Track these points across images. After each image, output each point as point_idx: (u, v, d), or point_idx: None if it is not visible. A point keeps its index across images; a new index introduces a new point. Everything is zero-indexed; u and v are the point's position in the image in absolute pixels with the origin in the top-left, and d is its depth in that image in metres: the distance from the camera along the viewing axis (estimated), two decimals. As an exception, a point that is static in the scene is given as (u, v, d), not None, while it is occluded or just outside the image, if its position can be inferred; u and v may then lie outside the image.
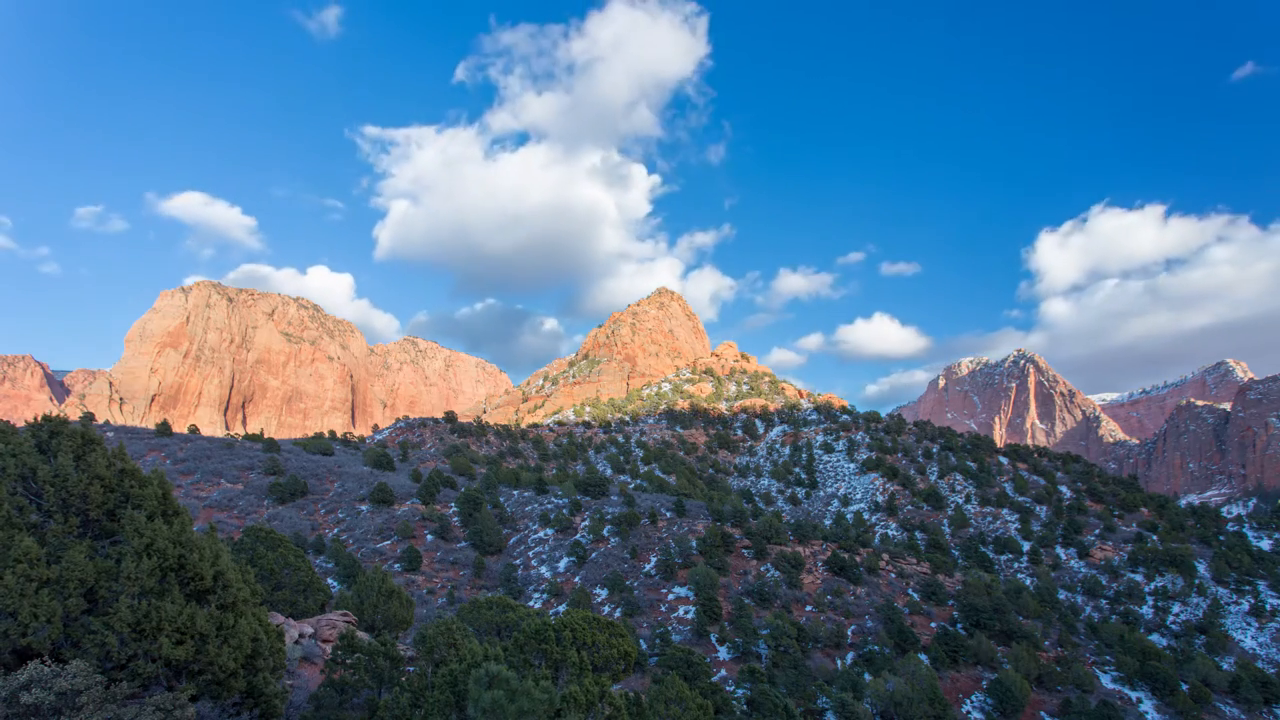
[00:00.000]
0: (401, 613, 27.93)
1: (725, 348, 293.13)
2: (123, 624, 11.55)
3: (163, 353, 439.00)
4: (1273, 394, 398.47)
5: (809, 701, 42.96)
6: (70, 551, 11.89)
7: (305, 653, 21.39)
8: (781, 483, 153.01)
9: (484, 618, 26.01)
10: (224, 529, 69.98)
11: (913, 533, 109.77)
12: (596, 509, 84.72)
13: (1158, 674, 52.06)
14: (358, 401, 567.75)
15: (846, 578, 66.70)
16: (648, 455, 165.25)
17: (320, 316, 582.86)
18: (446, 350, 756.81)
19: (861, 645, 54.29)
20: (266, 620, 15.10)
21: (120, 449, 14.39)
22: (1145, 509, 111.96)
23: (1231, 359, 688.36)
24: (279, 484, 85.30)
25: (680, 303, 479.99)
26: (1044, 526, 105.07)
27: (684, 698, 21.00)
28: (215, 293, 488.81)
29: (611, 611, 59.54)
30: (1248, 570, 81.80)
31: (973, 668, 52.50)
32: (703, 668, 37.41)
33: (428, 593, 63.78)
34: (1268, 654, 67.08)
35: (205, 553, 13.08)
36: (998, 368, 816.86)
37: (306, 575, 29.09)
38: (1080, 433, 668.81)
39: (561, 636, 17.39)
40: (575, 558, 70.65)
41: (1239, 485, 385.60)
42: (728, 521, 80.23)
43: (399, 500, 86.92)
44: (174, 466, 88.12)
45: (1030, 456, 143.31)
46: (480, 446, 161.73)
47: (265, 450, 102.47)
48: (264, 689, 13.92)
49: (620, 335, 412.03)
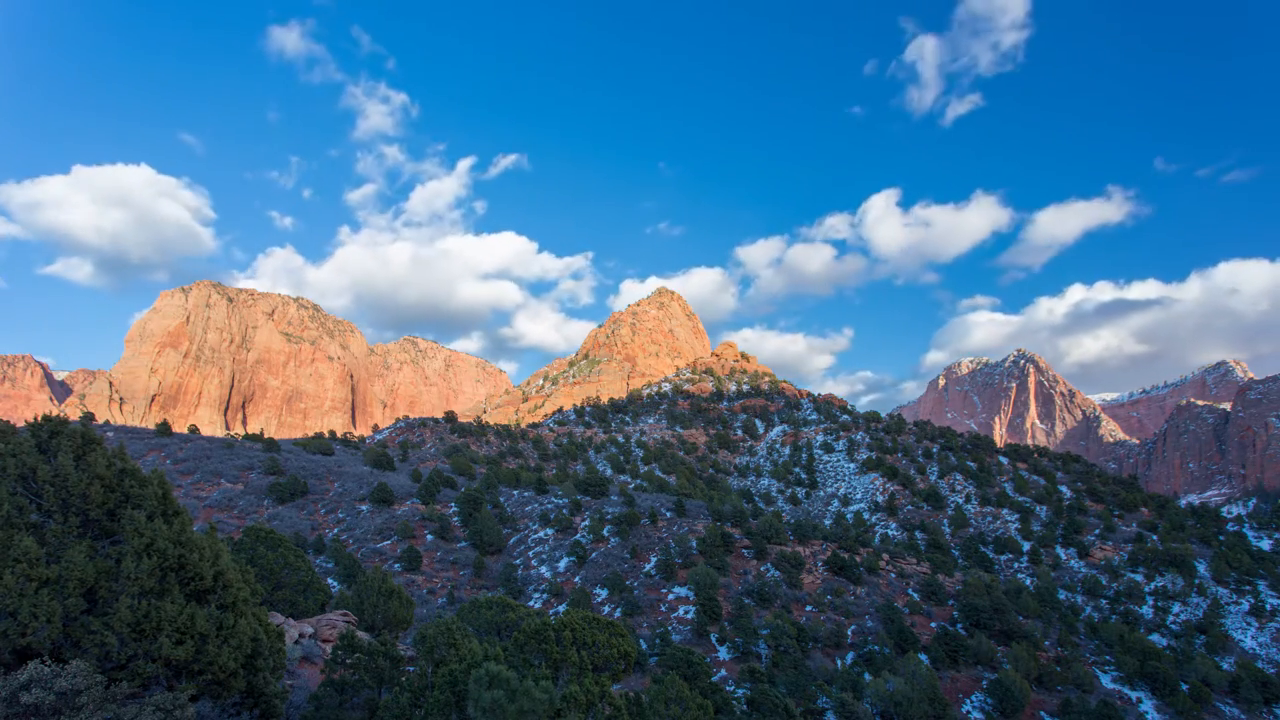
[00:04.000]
0: (401, 613, 27.92)
1: (725, 347, 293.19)
2: (123, 624, 11.55)
3: (163, 353, 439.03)
4: (1273, 394, 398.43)
5: (809, 701, 42.95)
6: (70, 551, 11.89)
7: (305, 653, 21.39)
8: (781, 483, 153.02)
9: (484, 618, 26.02)
10: (224, 529, 69.98)
11: (913, 533, 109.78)
12: (596, 509, 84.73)
13: (1158, 674, 52.06)
14: (358, 401, 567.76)
15: (846, 578, 66.71)
16: (648, 455, 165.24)
17: (320, 316, 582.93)
18: (446, 350, 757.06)
19: (861, 645, 54.28)
20: (266, 620, 15.10)
21: (120, 449, 14.39)
22: (1145, 509, 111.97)
23: (1232, 359, 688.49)
24: (279, 484, 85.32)
25: (680, 302, 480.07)
26: (1044, 526, 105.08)
27: (684, 698, 20.99)
28: (215, 293, 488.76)
29: (611, 611, 59.54)
30: (1248, 570, 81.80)
31: (973, 668, 52.50)
32: (703, 668, 37.40)
33: (428, 593, 63.77)
34: (1268, 654, 67.07)
35: (205, 553, 13.08)
36: (998, 368, 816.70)
37: (306, 575, 29.09)
38: (1080, 433, 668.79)
39: (561, 636, 17.40)
40: (575, 558, 70.66)
41: (1239, 485, 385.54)
42: (728, 521, 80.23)
43: (399, 500, 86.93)
44: (174, 466, 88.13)
45: (1030, 456, 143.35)
46: (480, 446, 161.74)
47: (265, 450, 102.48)
48: (264, 689, 13.93)
49: (620, 335, 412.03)
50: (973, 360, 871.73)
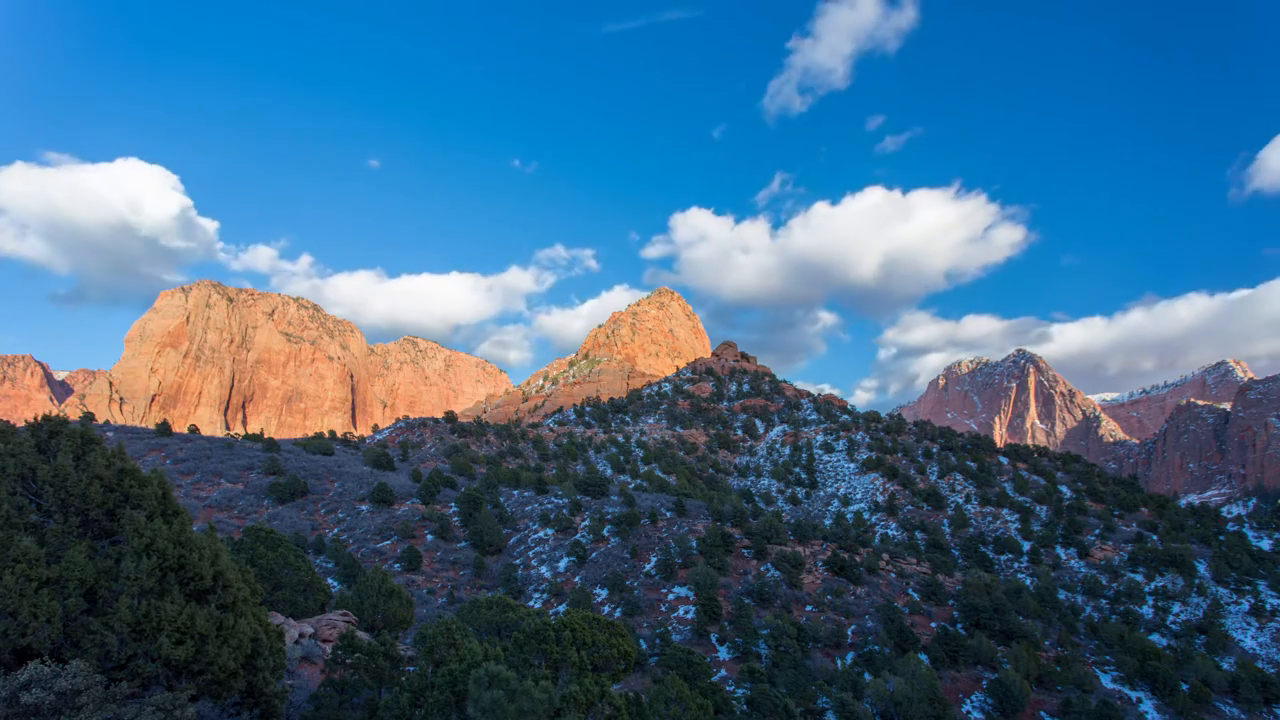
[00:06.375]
0: (401, 613, 27.94)
1: (725, 348, 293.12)
2: (123, 624, 11.55)
3: (163, 353, 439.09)
4: (1273, 394, 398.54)
5: (809, 701, 42.94)
6: (70, 551, 11.89)
7: (305, 652, 21.39)
8: (781, 483, 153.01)
9: (484, 618, 26.02)
10: (224, 529, 69.98)
11: (913, 533, 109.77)
12: (596, 509, 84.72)
13: (1158, 674, 52.04)
14: (358, 401, 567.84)
15: (846, 578, 66.70)
16: (648, 455, 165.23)
17: (320, 316, 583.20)
18: (446, 350, 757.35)
19: (861, 645, 54.28)
20: (266, 620, 15.10)
21: (120, 449, 14.39)
22: (1145, 509, 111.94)
23: (1231, 359, 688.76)
24: (279, 484, 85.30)
25: (680, 302, 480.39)
26: (1044, 526, 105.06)
27: (684, 697, 20.99)
28: (215, 292, 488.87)
29: (611, 611, 59.54)
30: (1248, 570, 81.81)
31: (973, 668, 52.49)
32: (703, 668, 37.39)
33: (428, 593, 63.76)
34: (1268, 654, 67.06)
35: (205, 553, 13.08)
36: (998, 368, 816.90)
37: (306, 575, 29.10)
38: (1080, 433, 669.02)
39: (561, 636, 17.40)
40: (575, 558, 70.64)
41: (1239, 485, 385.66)
42: (728, 521, 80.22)
43: (399, 500, 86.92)
44: (174, 466, 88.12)
45: (1030, 456, 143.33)
46: (480, 446, 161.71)
47: (265, 450, 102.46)
48: (264, 689, 13.93)
49: (620, 335, 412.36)
50: (973, 360, 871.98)
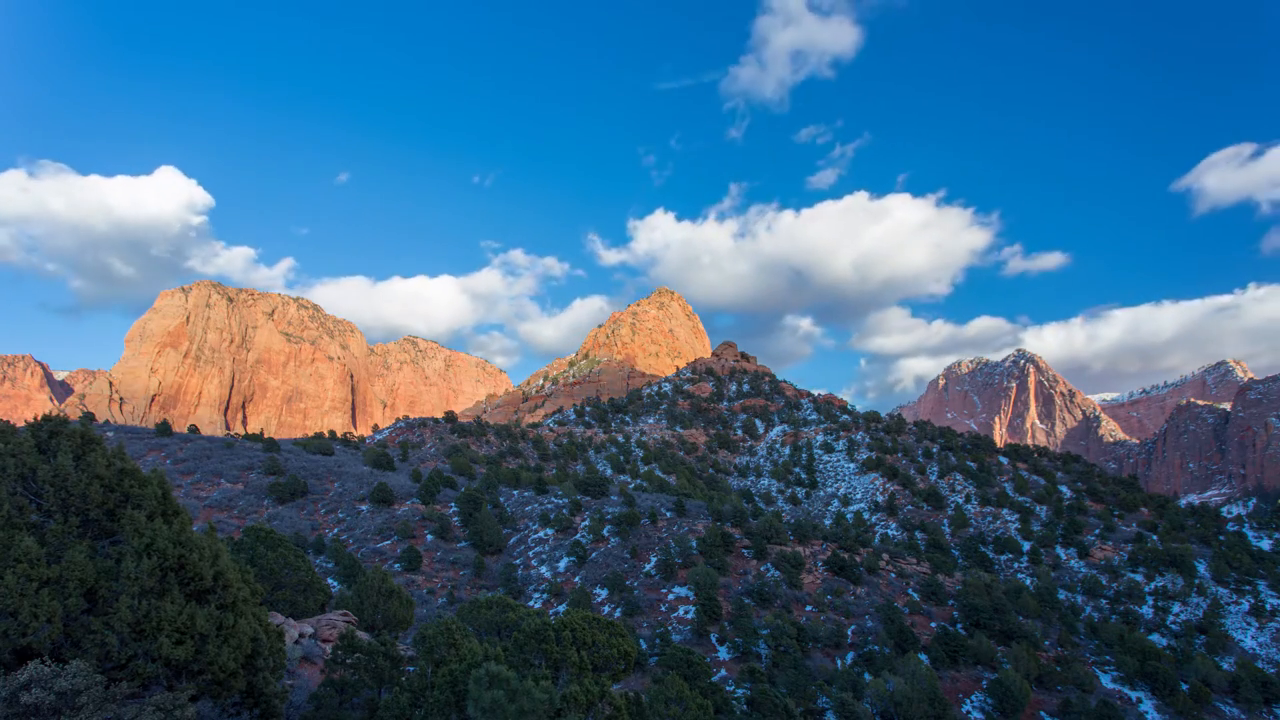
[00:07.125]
0: (401, 613, 27.93)
1: (725, 348, 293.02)
2: (123, 624, 11.56)
3: (163, 353, 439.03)
4: (1273, 394, 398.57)
5: (809, 701, 42.94)
6: (70, 551, 11.89)
7: (305, 652, 21.39)
8: (781, 483, 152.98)
9: (484, 618, 25.99)
10: (224, 529, 69.99)
11: (913, 533, 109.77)
12: (596, 509, 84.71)
13: (1158, 674, 52.04)
14: (358, 401, 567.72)
15: (846, 578, 66.68)
16: (648, 455, 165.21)
17: (320, 316, 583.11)
18: (446, 350, 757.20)
19: (861, 645, 54.27)
20: (266, 620, 15.10)
21: (120, 449, 14.39)
22: (1145, 509, 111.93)
23: (1231, 359, 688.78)
24: (279, 484, 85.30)
25: (680, 302, 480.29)
26: (1044, 526, 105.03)
27: (684, 697, 21.00)
28: (215, 292, 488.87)
29: (611, 611, 59.54)
30: (1248, 570, 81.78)
31: (973, 668, 52.49)
32: (703, 668, 37.39)
33: (428, 593, 63.76)
34: (1268, 654, 67.05)
35: (205, 553, 13.08)
36: (998, 367, 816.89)
37: (306, 575, 29.08)
38: (1080, 433, 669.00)
39: (561, 636, 17.39)
40: (575, 558, 70.64)
41: (1239, 485, 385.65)
42: (728, 521, 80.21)
43: (399, 500, 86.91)
44: (174, 466, 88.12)
45: (1030, 456, 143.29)
46: (480, 446, 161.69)
47: (265, 450, 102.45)
48: (264, 689, 13.93)
49: (620, 335, 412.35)
50: (973, 360, 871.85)
